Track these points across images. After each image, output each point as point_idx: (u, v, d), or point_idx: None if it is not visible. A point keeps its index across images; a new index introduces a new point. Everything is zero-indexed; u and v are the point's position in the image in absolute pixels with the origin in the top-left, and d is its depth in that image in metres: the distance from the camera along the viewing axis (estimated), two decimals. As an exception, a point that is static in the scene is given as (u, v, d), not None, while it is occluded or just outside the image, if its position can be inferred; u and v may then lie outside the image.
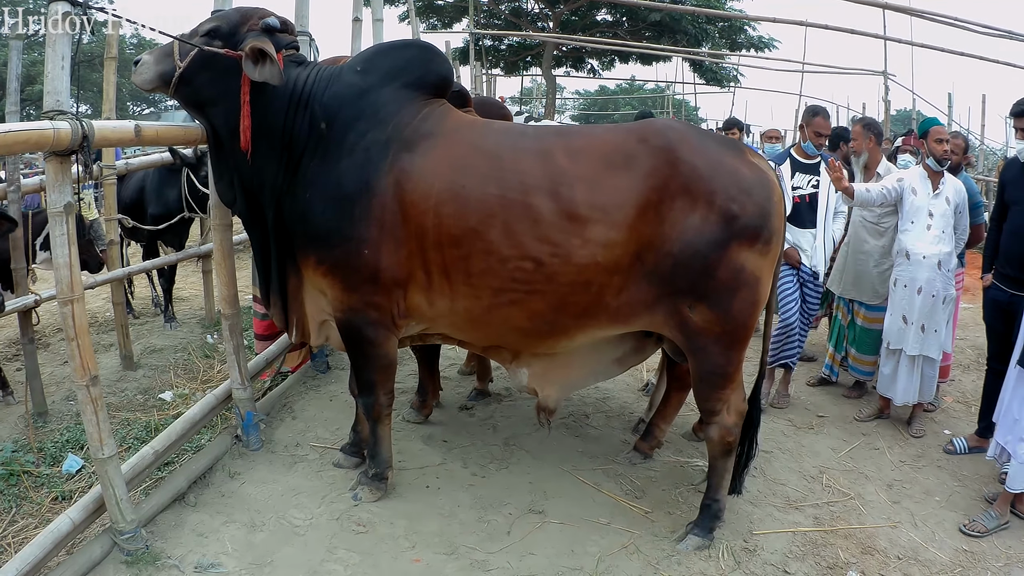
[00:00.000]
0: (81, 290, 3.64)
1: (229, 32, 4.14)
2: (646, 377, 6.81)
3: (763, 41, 28.68)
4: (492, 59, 30.20)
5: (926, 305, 5.85)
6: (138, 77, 4.24)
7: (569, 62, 32.94)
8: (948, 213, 5.86)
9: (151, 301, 9.85)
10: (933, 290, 5.82)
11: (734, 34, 29.04)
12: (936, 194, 5.87)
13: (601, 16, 30.05)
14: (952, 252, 5.90)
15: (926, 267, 5.82)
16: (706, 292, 3.98)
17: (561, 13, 29.25)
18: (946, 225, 5.86)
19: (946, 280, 5.85)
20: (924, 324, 5.88)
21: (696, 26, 27.73)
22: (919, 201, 5.90)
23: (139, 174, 8.19)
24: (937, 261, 5.80)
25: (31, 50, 29.10)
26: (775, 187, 4.11)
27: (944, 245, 5.83)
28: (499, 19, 30.45)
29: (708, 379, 4.24)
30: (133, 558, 3.91)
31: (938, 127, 6.13)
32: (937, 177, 5.92)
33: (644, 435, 5.36)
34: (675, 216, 3.92)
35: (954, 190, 5.93)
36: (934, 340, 5.90)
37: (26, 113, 15.03)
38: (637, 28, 28.82)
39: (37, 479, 4.98)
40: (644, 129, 4.17)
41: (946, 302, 5.90)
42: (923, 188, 5.92)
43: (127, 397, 6.50)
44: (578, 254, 3.93)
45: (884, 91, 17.20)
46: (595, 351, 4.61)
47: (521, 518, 4.52)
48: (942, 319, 5.92)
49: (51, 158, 3.48)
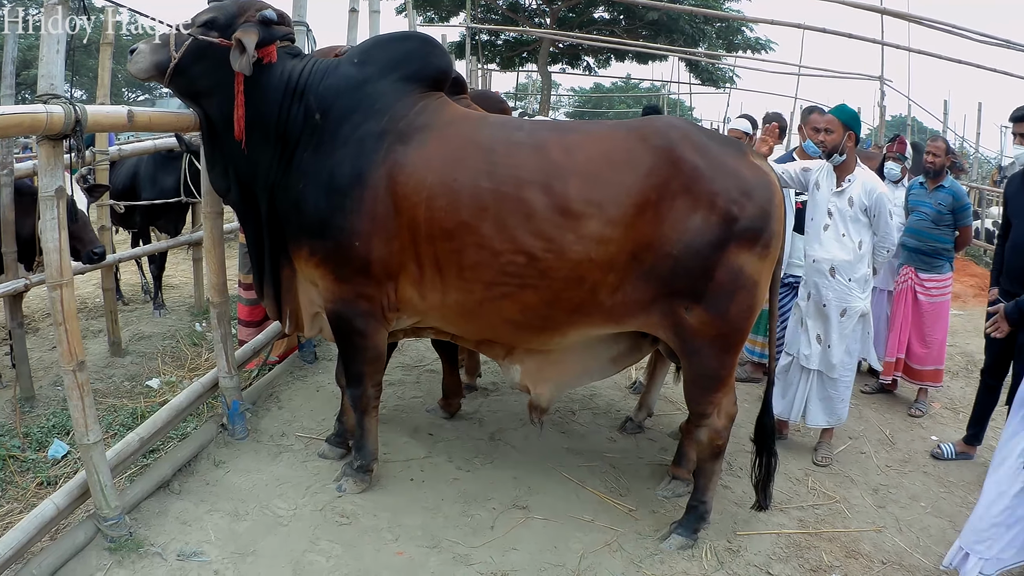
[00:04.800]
0: (70, 275, 3.64)
1: (226, 23, 4.12)
2: (635, 375, 6.81)
3: (760, 43, 28.69)
4: (488, 54, 30.16)
5: (818, 314, 5.40)
6: (133, 66, 4.22)
7: (565, 59, 32.84)
8: (851, 216, 5.25)
9: (140, 288, 9.86)
10: (824, 299, 5.34)
11: (731, 35, 29.02)
12: (839, 192, 5.29)
13: (599, 14, 29.97)
14: (855, 262, 5.26)
15: (816, 272, 5.37)
16: (704, 294, 3.96)
17: (559, 9, 29.20)
18: (849, 229, 5.27)
19: (843, 290, 5.28)
20: (820, 334, 5.42)
21: (693, 26, 27.71)
22: (820, 197, 5.40)
23: (131, 160, 8.17)
24: (829, 267, 5.28)
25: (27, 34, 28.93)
26: (776, 189, 4.09)
27: (842, 251, 5.26)
28: (496, 14, 30.39)
29: (700, 382, 4.23)
30: (116, 544, 3.92)
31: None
32: (842, 172, 5.31)
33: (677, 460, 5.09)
34: (675, 216, 3.89)
35: (864, 190, 5.23)
36: (833, 357, 5.38)
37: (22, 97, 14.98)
38: (634, 27, 28.77)
39: (23, 464, 4.98)
40: (645, 127, 4.13)
41: (846, 316, 5.31)
42: (827, 184, 5.37)
43: (114, 383, 6.50)
44: (572, 249, 3.91)
45: (880, 96, 17.19)
46: (589, 350, 4.59)
47: (505, 513, 4.53)
48: (836, 334, 5.35)
49: (43, 142, 3.48)
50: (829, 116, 5.37)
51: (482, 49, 26.44)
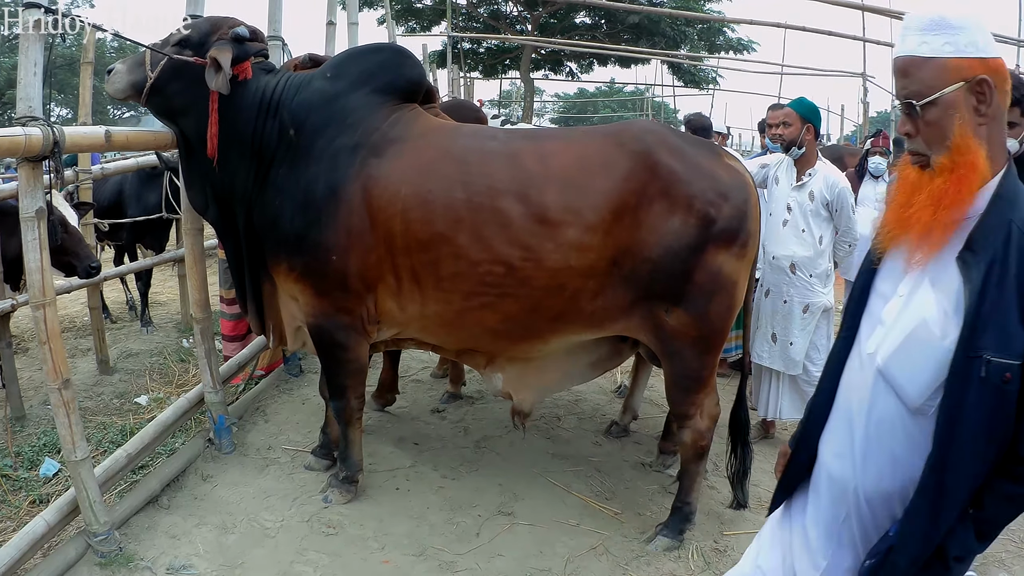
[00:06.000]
0: (53, 295, 3.67)
1: (199, 41, 4.16)
2: (620, 379, 6.85)
3: (742, 43, 28.88)
4: (471, 62, 30.27)
5: (777, 312, 5.38)
6: (111, 86, 4.28)
7: (548, 65, 32.98)
8: (812, 210, 5.22)
9: (126, 305, 9.88)
10: (785, 296, 5.33)
11: (713, 36, 29.18)
12: (799, 186, 5.28)
13: (580, 19, 30.17)
14: (816, 257, 5.25)
15: (775, 269, 5.37)
16: (683, 296, 3.98)
17: (540, 16, 29.35)
18: (810, 223, 5.24)
19: (804, 287, 5.27)
20: (775, 333, 5.41)
21: (675, 28, 27.89)
22: (779, 191, 5.40)
23: (116, 177, 8.19)
24: (789, 263, 5.28)
25: (12, 54, 28.88)
26: (752, 189, 4.12)
27: (802, 247, 5.25)
28: (478, 22, 30.51)
29: (682, 383, 4.24)
30: (107, 560, 3.94)
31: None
32: (802, 166, 5.30)
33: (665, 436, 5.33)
34: (654, 220, 3.91)
35: (826, 184, 5.20)
36: (792, 353, 5.36)
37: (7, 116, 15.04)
38: (616, 31, 28.95)
39: (15, 483, 5.00)
40: (621, 133, 4.17)
41: (808, 312, 5.30)
42: (786, 178, 5.38)
43: (103, 401, 6.51)
44: (551, 258, 3.92)
45: (863, 93, 17.32)
46: (570, 355, 4.61)
47: (490, 520, 4.56)
48: (798, 330, 5.32)
49: (23, 164, 3.51)
50: (786, 109, 5.35)
51: (464, 57, 26.51)
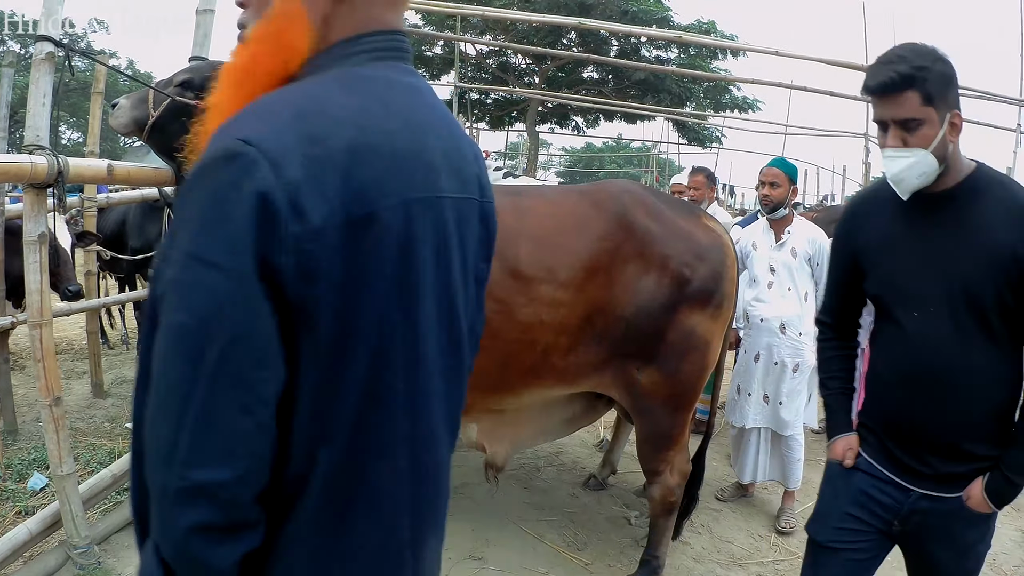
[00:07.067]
0: (50, 315, 3.83)
1: (201, 83, 4.22)
2: (602, 434, 6.85)
3: (747, 102, 29.07)
4: (478, 113, 30.48)
5: (769, 373, 5.27)
6: (114, 120, 4.38)
7: (554, 119, 33.08)
8: (795, 267, 5.19)
9: (120, 339, 9.98)
10: (776, 357, 5.23)
11: (718, 94, 29.45)
12: (779, 245, 5.24)
13: (587, 73, 30.38)
14: (804, 315, 5.16)
15: (765, 331, 5.26)
16: (655, 355, 3.99)
17: (548, 69, 29.56)
18: (794, 281, 5.21)
19: (795, 345, 5.19)
20: (767, 394, 5.30)
21: (680, 86, 28.10)
22: (760, 255, 5.32)
23: (120, 207, 8.30)
24: (779, 324, 5.19)
25: (26, 72, 28.97)
26: (729, 251, 4.18)
27: (790, 305, 5.19)
28: (486, 73, 30.68)
29: (653, 440, 4.25)
30: (85, 572, 4.05)
31: (766, 169, 5.41)
32: (780, 226, 5.28)
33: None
34: (627, 280, 3.94)
35: (806, 239, 5.19)
36: (785, 414, 5.26)
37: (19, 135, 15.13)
38: (623, 86, 29.17)
39: (3, 493, 5.12)
40: (598, 192, 4.21)
41: (799, 371, 5.22)
42: (765, 240, 5.32)
43: (95, 424, 6.60)
44: (522, 312, 3.91)
45: (865, 153, 17.38)
46: (545, 410, 4.58)
47: (460, 563, 4.55)
48: (792, 389, 5.24)
49: (28, 190, 3.70)
50: (776, 170, 5.28)
51: (471, 108, 26.75)
